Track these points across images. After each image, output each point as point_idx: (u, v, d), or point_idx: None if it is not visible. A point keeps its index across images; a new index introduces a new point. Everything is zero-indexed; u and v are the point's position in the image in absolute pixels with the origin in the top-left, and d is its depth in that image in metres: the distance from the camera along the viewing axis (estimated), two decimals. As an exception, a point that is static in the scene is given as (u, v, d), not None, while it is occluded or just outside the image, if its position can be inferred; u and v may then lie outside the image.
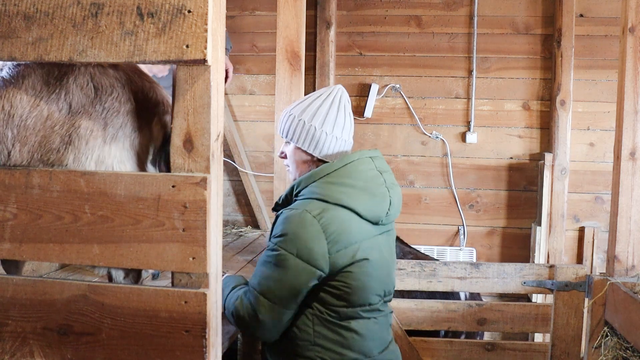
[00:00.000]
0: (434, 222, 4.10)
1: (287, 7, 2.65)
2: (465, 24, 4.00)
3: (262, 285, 1.61)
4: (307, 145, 1.74)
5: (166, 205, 1.23)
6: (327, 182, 1.66)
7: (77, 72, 1.34)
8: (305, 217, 1.60)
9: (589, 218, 4.01)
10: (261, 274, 1.63)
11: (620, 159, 2.23)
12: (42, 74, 1.33)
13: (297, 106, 1.78)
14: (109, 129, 1.33)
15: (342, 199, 1.63)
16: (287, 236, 1.59)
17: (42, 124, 1.31)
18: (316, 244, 1.58)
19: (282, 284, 1.60)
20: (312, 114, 1.73)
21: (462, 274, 2.45)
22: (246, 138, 4.22)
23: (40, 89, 1.32)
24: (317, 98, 1.76)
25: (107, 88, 1.34)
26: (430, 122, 4.07)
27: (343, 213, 1.63)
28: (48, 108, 1.31)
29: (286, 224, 1.61)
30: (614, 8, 3.80)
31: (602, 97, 3.92)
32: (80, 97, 1.32)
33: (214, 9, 1.18)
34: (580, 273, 2.41)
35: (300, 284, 1.60)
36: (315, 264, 1.59)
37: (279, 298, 1.60)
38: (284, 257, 1.59)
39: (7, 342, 1.31)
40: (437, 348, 2.57)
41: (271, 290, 1.60)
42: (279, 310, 1.60)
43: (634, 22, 2.18)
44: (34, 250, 1.29)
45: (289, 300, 1.61)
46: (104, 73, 1.36)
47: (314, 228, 1.59)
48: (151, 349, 1.26)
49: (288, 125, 1.76)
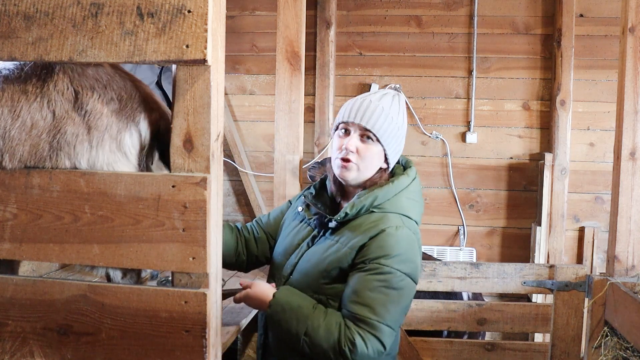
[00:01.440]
0: (434, 222, 4.10)
1: (287, 7, 2.65)
2: (465, 24, 4.00)
3: (383, 315, 1.50)
4: (392, 150, 1.64)
5: (166, 205, 1.23)
6: (407, 198, 1.64)
7: (55, 77, 1.31)
8: (410, 236, 1.58)
9: (589, 218, 4.01)
10: (377, 301, 1.50)
11: (620, 159, 2.23)
12: (19, 83, 1.31)
13: (383, 98, 1.63)
14: (94, 132, 1.31)
15: (416, 215, 1.66)
16: (400, 256, 1.53)
17: (28, 134, 1.29)
18: (419, 260, 1.60)
19: (400, 306, 1.54)
20: (403, 116, 1.66)
21: (462, 274, 2.45)
22: (246, 138, 4.22)
23: (18, 99, 1.29)
24: (394, 97, 1.66)
25: (87, 90, 1.31)
26: (430, 122, 4.07)
27: (417, 228, 1.66)
28: (31, 117, 1.29)
29: (397, 244, 1.54)
30: (614, 8, 3.80)
31: (602, 97, 3.92)
32: (62, 103, 1.30)
33: (214, 9, 1.18)
34: (580, 273, 2.41)
35: (410, 304, 1.60)
36: (417, 280, 1.60)
37: (398, 323, 1.56)
38: (400, 278, 1.53)
39: (7, 342, 1.31)
40: (437, 348, 2.57)
41: (392, 317, 1.52)
42: (396, 334, 1.57)
43: (634, 22, 2.18)
44: (34, 250, 1.29)
45: (401, 322, 1.60)
46: (83, 75, 1.32)
47: (416, 245, 1.60)
48: (151, 349, 1.26)
49: (380, 119, 1.60)
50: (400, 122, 1.64)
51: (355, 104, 1.63)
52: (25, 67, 1.32)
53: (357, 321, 1.50)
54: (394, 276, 1.51)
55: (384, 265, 1.51)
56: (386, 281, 1.51)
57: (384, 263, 1.51)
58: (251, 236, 1.89)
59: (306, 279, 1.62)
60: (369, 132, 1.60)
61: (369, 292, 1.50)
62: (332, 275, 1.58)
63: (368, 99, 1.63)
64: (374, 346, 1.49)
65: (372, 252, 1.53)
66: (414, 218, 1.64)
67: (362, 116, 1.60)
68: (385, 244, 1.53)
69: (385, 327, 1.50)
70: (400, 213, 1.60)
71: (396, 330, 1.55)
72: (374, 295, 1.50)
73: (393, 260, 1.52)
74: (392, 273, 1.51)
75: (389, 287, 1.51)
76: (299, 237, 1.72)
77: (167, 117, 1.40)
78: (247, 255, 1.87)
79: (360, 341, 1.48)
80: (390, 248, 1.52)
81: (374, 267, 1.52)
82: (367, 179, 1.65)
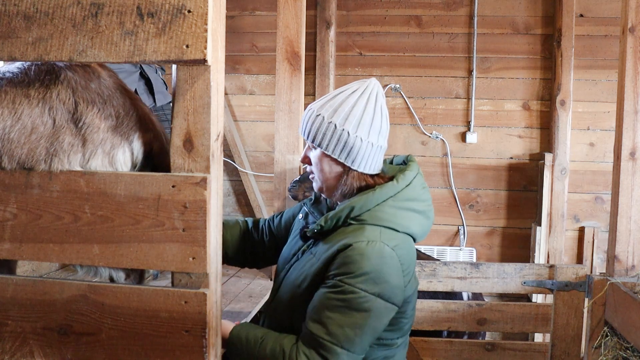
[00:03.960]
0: (434, 222, 4.09)
1: (287, 7, 2.65)
2: (465, 24, 4.00)
3: (336, 336, 1.36)
4: (338, 153, 1.48)
5: (166, 205, 1.23)
6: (394, 207, 1.47)
7: (59, 86, 1.32)
8: (384, 251, 1.40)
9: (589, 218, 4.01)
10: (332, 321, 1.37)
11: (620, 159, 2.23)
12: (22, 87, 1.32)
13: (326, 104, 1.50)
14: (88, 145, 1.32)
15: (410, 226, 1.49)
16: (368, 275, 1.37)
17: (27, 138, 1.30)
18: (396, 280, 1.41)
19: (363, 330, 1.38)
20: (344, 116, 1.47)
21: (462, 274, 2.45)
22: (246, 138, 4.22)
23: (20, 102, 1.31)
24: (350, 95, 1.50)
25: (87, 103, 1.32)
26: (430, 122, 4.07)
27: (409, 241, 1.50)
28: (32, 122, 1.30)
29: (365, 261, 1.37)
30: (614, 8, 3.80)
31: (602, 97, 3.92)
32: (63, 113, 1.31)
33: (214, 9, 1.18)
34: (580, 273, 2.41)
35: (382, 326, 1.42)
36: (394, 301, 1.42)
37: (360, 346, 1.39)
38: (365, 299, 1.37)
39: (7, 342, 1.31)
40: (437, 348, 2.57)
41: (350, 339, 1.37)
42: (357, 358, 1.40)
43: (634, 22, 2.18)
44: (34, 250, 1.29)
45: (368, 345, 1.42)
46: (86, 88, 1.34)
47: (393, 262, 1.41)
48: (151, 349, 1.26)
49: (316, 127, 1.48)
50: (339, 120, 1.46)
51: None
52: (30, 72, 1.33)
53: (310, 340, 1.39)
54: (357, 296, 1.36)
55: (345, 284, 1.37)
56: (347, 301, 1.37)
57: (347, 282, 1.37)
58: (260, 239, 1.82)
59: (288, 296, 1.53)
60: (308, 140, 1.53)
61: (327, 311, 1.38)
62: (310, 290, 1.46)
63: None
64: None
65: (336, 267, 1.40)
66: (404, 230, 1.48)
67: (300, 126, 1.57)
68: (350, 260, 1.38)
69: (340, 350, 1.37)
70: (381, 225, 1.44)
71: (358, 354, 1.40)
72: (332, 314, 1.37)
73: (357, 280, 1.37)
74: (355, 293, 1.36)
75: (351, 308, 1.37)
76: (295, 247, 1.63)
77: (161, 138, 1.42)
78: (256, 255, 1.83)
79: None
80: (354, 266, 1.37)
81: (336, 285, 1.39)
82: (331, 186, 1.53)
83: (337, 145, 1.47)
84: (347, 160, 1.49)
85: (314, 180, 1.57)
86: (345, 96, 1.50)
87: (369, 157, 1.50)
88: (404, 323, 1.52)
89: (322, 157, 1.51)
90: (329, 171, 1.52)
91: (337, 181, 1.52)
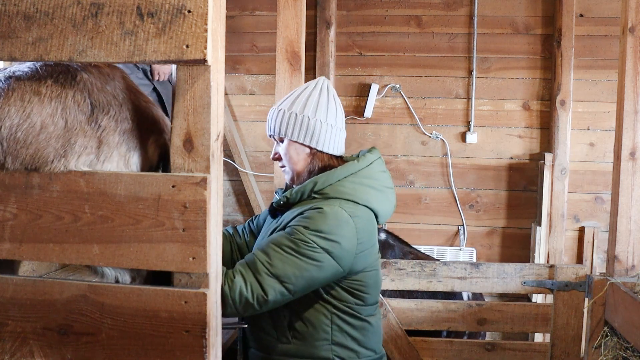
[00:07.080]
0: (434, 222, 4.10)
1: (287, 7, 2.65)
2: (465, 24, 4.00)
3: (276, 267, 1.49)
4: (302, 137, 1.67)
5: (166, 205, 1.23)
6: (355, 182, 1.63)
7: (75, 87, 1.30)
8: (342, 216, 1.56)
9: (589, 218, 4.01)
10: (278, 255, 1.51)
11: (620, 159, 2.23)
12: (32, 84, 1.30)
13: (284, 101, 1.72)
14: (104, 148, 1.31)
15: (369, 200, 1.63)
16: (322, 233, 1.52)
17: (35, 137, 1.28)
18: (348, 244, 1.56)
19: (302, 273, 1.50)
20: (302, 105, 1.68)
21: (462, 274, 2.45)
22: (246, 138, 4.22)
23: (29, 100, 1.28)
24: (303, 90, 1.72)
25: (104, 106, 1.31)
26: (430, 122, 4.07)
27: (369, 214, 1.64)
28: (42, 121, 1.28)
29: (324, 219, 1.53)
30: (614, 8, 3.80)
31: (602, 97, 3.92)
32: (77, 114, 1.30)
33: (214, 9, 1.18)
34: (580, 273, 2.41)
35: (320, 280, 1.55)
36: (341, 262, 1.56)
37: (293, 285, 1.50)
38: (314, 250, 1.51)
39: (7, 342, 1.31)
40: (437, 348, 2.57)
41: (286, 275, 1.49)
42: (287, 297, 1.52)
43: (634, 22, 2.18)
44: (34, 250, 1.29)
45: (301, 291, 1.53)
46: (102, 90, 1.33)
47: (349, 227, 1.56)
48: (151, 349, 1.26)
49: (279, 121, 1.69)
50: (298, 108, 1.67)
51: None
52: (42, 71, 1.31)
53: (251, 262, 1.51)
54: (307, 246, 1.50)
55: (300, 233, 1.51)
56: (297, 245, 1.50)
57: (302, 232, 1.51)
58: (243, 241, 1.93)
59: None
60: (275, 135, 1.72)
61: (276, 247, 1.51)
62: None
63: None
64: (255, 290, 1.46)
65: (296, 221, 1.56)
66: (364, 203, 1.62)
67: (266, 128, 1.77)
68: (309, 216, 1.54)
69: (273, 280, 1.47)
70: (343, 198, 1.59)
71: (289, 292, 1.49)
72: (280, 250, 1.50)
73: (311, 233, 1.51)
74: (307, 242, 1.50)
75: (299, 252, 1.50)
76: (268, 232, 1.74)
77: None
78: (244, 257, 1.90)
79: (240, 279, 1.46)
80: (312, 221, 1.52)
81: (291, 232, 1.53)
82: (300, 171, 1.70)
83: (301, 130, 1.66)
84: (312, 142, 1.67)
85: (286, 172, 1.74)
86: (300, 91, 1.72)
87: (331, 137, 1.69)
88: (366, 292, 1.65)
89: (289, 146, 1.69)
90: (296, 157, 1.69)
91: (305, 165, 1.70)
